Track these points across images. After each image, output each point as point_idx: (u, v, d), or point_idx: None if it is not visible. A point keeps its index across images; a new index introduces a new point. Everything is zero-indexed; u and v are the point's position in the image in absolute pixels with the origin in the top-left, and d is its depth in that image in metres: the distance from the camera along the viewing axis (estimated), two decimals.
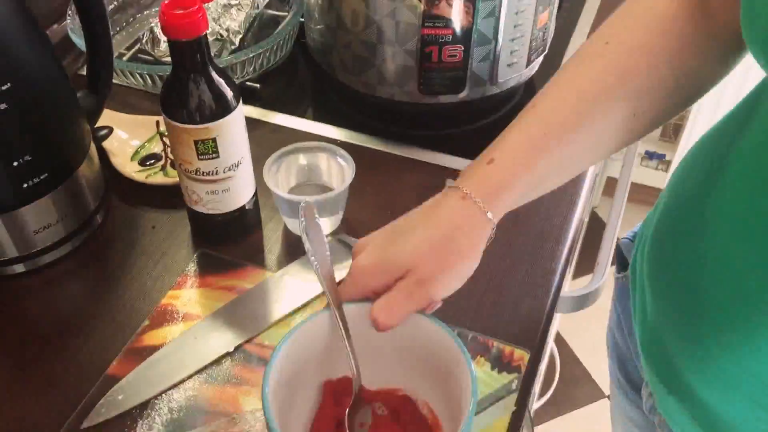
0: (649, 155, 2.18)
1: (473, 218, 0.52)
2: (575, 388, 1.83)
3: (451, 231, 0.51)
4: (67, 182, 0.71)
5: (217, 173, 0.68)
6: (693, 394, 0.55)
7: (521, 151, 0.53)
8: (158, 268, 0.73)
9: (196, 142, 0.65)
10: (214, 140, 0.65)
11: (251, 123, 0.89)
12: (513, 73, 0.84)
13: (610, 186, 2.19)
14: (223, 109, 0.65)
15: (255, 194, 0.74)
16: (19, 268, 0.72)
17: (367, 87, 0.85)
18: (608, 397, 1.01)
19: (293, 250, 0.74)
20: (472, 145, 0.89)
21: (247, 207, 0.73)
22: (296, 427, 0.55)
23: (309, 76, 1.00)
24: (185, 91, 0.64)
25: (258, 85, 0.93)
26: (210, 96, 0.64)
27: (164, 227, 0.77)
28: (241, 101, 0.67)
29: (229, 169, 0.68)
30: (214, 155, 0.66)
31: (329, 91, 0.96)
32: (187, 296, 0.70)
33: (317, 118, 0.91)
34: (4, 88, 0.62)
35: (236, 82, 0.67)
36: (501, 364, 0.65)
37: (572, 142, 0.54)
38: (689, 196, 0.57)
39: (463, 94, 0.83)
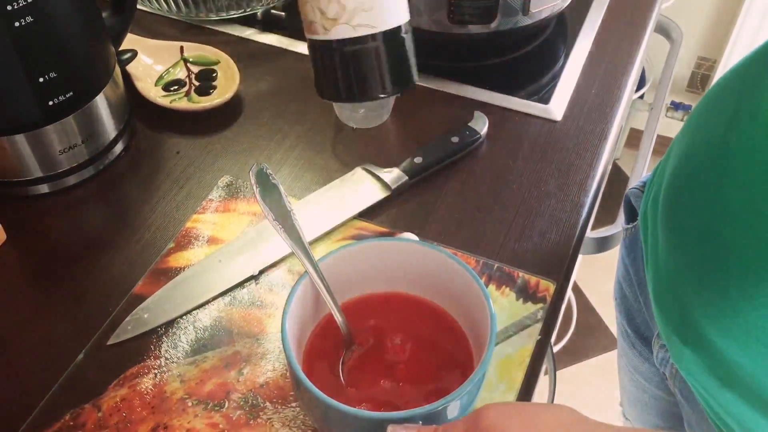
0: (675, 106, 2.15)
1: None
2: (590, 337, 1.84)
3: None
4: (92, 103, 0.70)
5: None
6: (710, 345, 0.54)
7: None
8: (183, 193, 0.73)
9: None
10: None
11: (276, 52, 0.89)
12: (545, 3, 0.82)
13: (634, 137, 2.17)
14: None
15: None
16: (44, 188, 0.72)
17: None
18: None
19: (317, 178, 0.74)
20: (501, 78, 0.88)
21: (403, 33, 0.56)
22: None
23: None
24: None
25: (283, 14, 0.91)
26: None
27: (188, 153, 0.76)
28: None
29: None
30: None
31: None
32: (212, 220, 0.70)
33: None
34: (30, 0, 0.61)
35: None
36: (526, 294, 0.64)
37: None
38: (710, 142, 0.55)
39: (493, 25, 0.81)
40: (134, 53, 0.79)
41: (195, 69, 0.83)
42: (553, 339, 0.77)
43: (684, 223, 0.57)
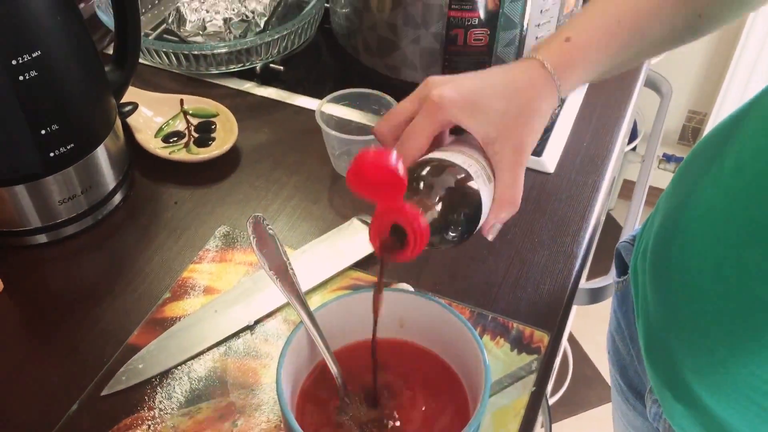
0: (667, 158, 2.17)
1: (549, 91, 0.54)
2: (587, 388, 1.82)
3: (534, 99, 0.53)
4: (93, 154, 0.71)
5: None
6: (700, 401, 0.54)
7: (596, 34, 0.55)
8: (179, 243, 0.73)
9: None
10: None
11: (274, 104, 0.90)
12: None
13: (627, 188, 2.19)
14: None
15: None
16: (42, 238, 0.72)
17: (391, 70, 0.85)
18: None
19: (313, 228, 0.75)
20: None
21: None
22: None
23: (332, 61, 1.00)
24: None
25: (282, 68, 0.93)
26: None
27: (186, 203, 0.77)
28: None
29: None
30: None
31: (352, 74, 0.96)
32: (208, 270, 0.70)
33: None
34: (34, 55, 0.62)
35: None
36: (521, 345, 0.65)
37: (642, 34, 0.56)
38: (701, 200, 0.55)
39: None
40: (135, 106, 0.81)
41: (194, 121, 0.84)
42: (549, 390, 0.77)
43: (672, 279, 0.57)
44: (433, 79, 0.55)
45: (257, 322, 0.66)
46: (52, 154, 0.67)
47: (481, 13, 0.77)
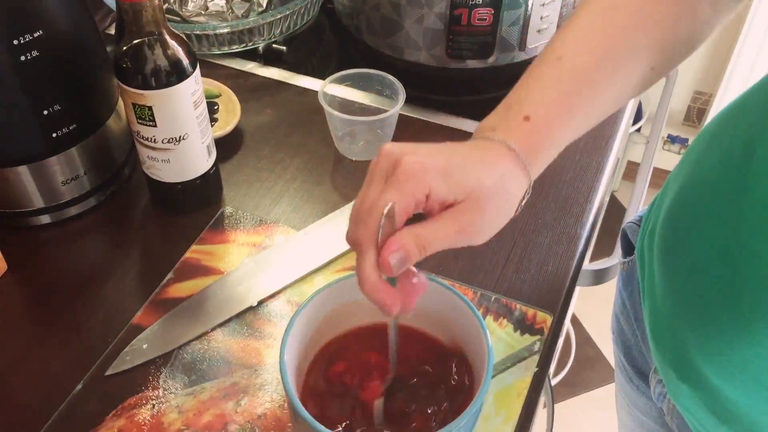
0: (672, 139, 2.16)
1: (520, 173, 0.49)
2: (589, 369, 1.83)
3: (506, 177, 0.48)
4: (95, 135, 0.71)
5: (155, 141, 0.67)
6: (707, 383, 0.54)
7: (556, 110, 0.51)
8: (183, 224, 0.73)
9: (133, 105, 0.65)
10: (150, 108, 0.64)
11: (277, 85, 0.90)
12: (543, 39, 0.84)
13: (630, 170, 2.19)
14: (158, 80, 0.63)
15: (207, 174, 0.72)
16: (45, 219, 0.72)
17: (394, 50, 0.84)
18: None
19: (317, 210, 0.74)
20: None
21: (198, 181, 0.72)
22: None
23: (334, 41, 1.00)
24: (127, 51, 0.63)
25: (284, 48, 0.93)
26: (150, 65, 0.63)
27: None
28: (192, 79, 0.65)
29: (168, 142, 0.67)
30: (150, 123, 0.66)
31: (355, 55, 0.95)
32: (211, 251, 0.70)
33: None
34: (36, 35, 0.62)
35: (192, 59, 0.66)
36: (524, 326, 0.65)
37: (599, 98, 0.53)
38: (709, 180, 0.55)
39: (491, 60, 0.83)
40: None
41: None
42: (551, 371, 0.77)
43: (680, 260, 0.57)
44: (392, 148, 0.47)
45: (261, 302, 0.66)
46: (54, 135, 0.67)
47: None
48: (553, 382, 1.66)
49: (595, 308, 1.86)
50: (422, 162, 0.45)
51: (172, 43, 0.64)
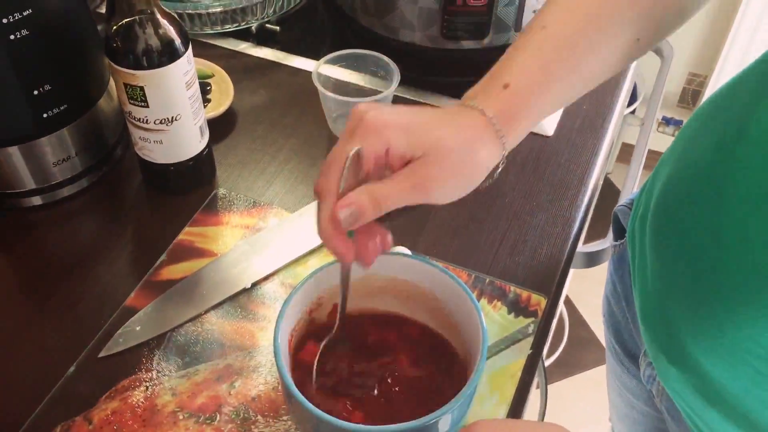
0: (666, 121, 2.16)
1: (491, 140, 0.49)
2: (583, 351, 1.84)
3: (473, 142, 0.48)
4: (86, 115, 0.70)
5: (147, 122, 0.67)
6: (696, 365, 0.54)
7: (536, 77, 0.51)
8: (175, 205, 0.73)
9: (125, 85, 0.64)
10: (142, 89, 0.64)
11: (270, 65, 0.89)
12: None
13: (625, 152, 2.18)
14: (150, 60, 0.63)
15: (200, 155, 0.72)
16: (37, 200, 0.72)
17: (388, 30, 0.84)
18: None
19: (311, 191, 0.74)
20: None
21: (190, 163, 0.71)
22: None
23: (329, 21, 0.99)
24: (118, 30, 0.62)
25: (277, 28, 0.92)
26: (141, 45, 0.62)
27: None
28: (185, 59, 0.65)
29: (161, 123, 0.67)
30: (142, 103, 0.65)
31: (349, 35, 0.95)
32: (204, 233, 0.70)
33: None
34: (25, 13, 0.61)
35: (184, 39, 0.65)
36: (518, 308, 0.65)
37: (582, 68, 0.52)
38: (700, 163, 0.55)
39: (486, 40, 0.82)
40: None
41: None
42: (544, 353, 0.78)
43: (672, 243, 0.57)
44: (361, 106, 0.49)
45: (254, 284, 0.66)
46: (45, 115, 0.67)
47: None
48: (547, 363, 1.67)
49: (588, 290, 1.87)
50: (384, 118, 0.47)
51: (163, 22, 0.63)
